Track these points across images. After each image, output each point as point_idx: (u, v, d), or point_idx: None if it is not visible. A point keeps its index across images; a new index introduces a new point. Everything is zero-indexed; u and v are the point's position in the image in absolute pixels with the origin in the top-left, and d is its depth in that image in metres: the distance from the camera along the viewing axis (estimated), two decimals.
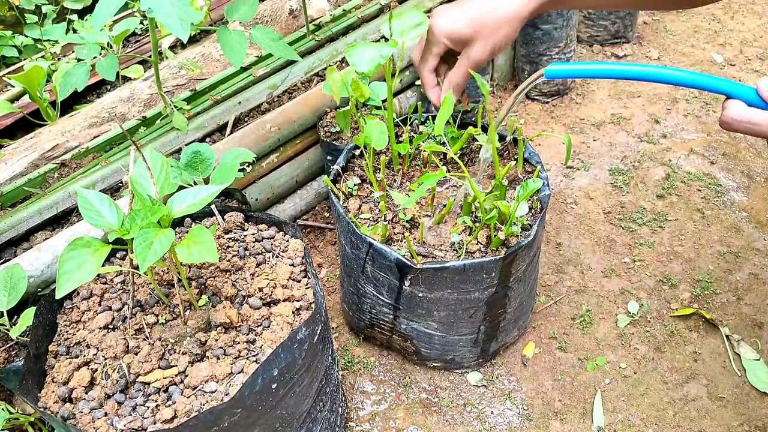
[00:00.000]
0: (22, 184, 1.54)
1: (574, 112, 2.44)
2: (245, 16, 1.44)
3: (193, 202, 1.02)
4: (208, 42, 2.15)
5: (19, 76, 1.78)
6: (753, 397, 1.53)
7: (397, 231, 1.38)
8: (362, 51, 1.20)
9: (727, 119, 0.89)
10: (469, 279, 1.33)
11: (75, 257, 0.94)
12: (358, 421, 1.54)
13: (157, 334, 1.13)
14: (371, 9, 2.08)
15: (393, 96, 1.39)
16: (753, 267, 1.82)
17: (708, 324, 1.69)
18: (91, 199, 1.01)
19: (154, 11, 1.09)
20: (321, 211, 2.08)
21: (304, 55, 1.93)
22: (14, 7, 2.45)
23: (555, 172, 2.18)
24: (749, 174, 2.12)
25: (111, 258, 1.30)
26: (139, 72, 1.93)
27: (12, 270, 1.25)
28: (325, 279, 1.89)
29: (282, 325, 1.14)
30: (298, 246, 1.28)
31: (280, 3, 2.13)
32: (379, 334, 1.60)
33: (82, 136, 1.74)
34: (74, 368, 1.09)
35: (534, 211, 1.43)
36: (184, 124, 1.62)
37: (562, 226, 1.99)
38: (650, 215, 2.00)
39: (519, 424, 1.51)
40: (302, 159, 1.96)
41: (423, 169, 1.53)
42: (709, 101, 2.44)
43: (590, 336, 1.69)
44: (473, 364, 1.61)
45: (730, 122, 0.89)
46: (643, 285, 1.80)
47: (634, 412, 1.52)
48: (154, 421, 1.01)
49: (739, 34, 2.81)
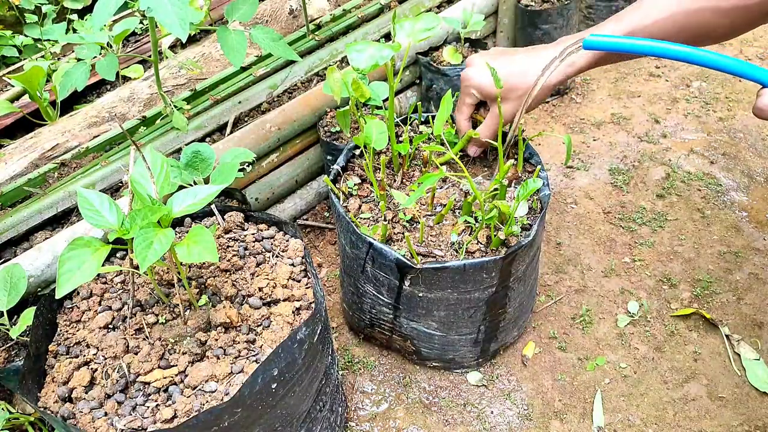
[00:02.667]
0: (22, 184, 1.54)
1: (574, 111, 2.44)
2: (245, 15, 1.44)
3: (193, 202, 1.02)
4: (208, 42, 2.15)
5: (19, 76, 1.78)
6: (753, 397, 1.53)
7: (397, 231, 1.38)
8: (363, 48, 1.20)
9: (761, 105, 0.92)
10: (469, 279, 1.33)
11: (75, 257, 0.94)
12: (358, 421, 1.54)
13: (157, 333, 1.13)
14: (371, 9, 2.08)
15: (394, 95, 1.39)
16: (753, 267, 1.82)
17: (708, 324, 1.69)
18: (91, 199, 1.01)
19: (154, 11, 1.09)
20: (321, 211, 2.08)
21: (304, 54, 1.93)
22: (14, 7, 2.45)
23: (555, 172, 2.18)
24: (749, 174, 2.12)
25: (111, 258, 1.30)
26: (139, 72, 1.93)
27: (12, 270, 1.25)
28: (325, 279, 1.89)
29: (282, 325, 1.14)
30: (298, 246, 1.28)
31: (280, 3, 2.13)
32: (379, 333, 1.60)
33: (82, 135, 1.74)
34: (74, 368, 1.09)
35: (534, 211, 1.43)
36: (184, 123, 1.62)
37: (562, 226, 1.99)
38: (650, 215, 2.00)
39: (519, 424, 1.51)
40: (302, 159, 1.96)
41: (423, 168, 1.53)
42: (709, 101, 2.44)
43: (590, 336, 1.69)
44: (473, 363, 1.61)
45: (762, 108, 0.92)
46: (643, 285, 1.80)
47: (634, 411, 1.52)
48: (154, 420, 1.01)
49: None
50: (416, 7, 2.14)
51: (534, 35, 2.31)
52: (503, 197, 1.36)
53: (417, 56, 2.12)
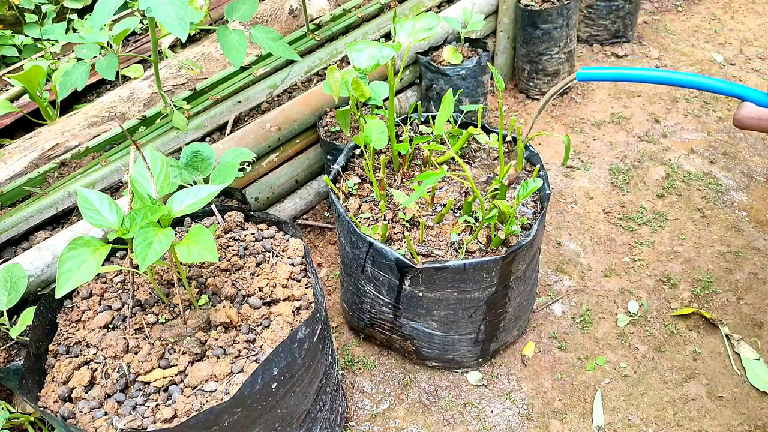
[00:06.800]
0: (22, 184, 1.54)
1: (574, 111, 2.44)
2: (245, 15, 1.44)
3: (193, 202, 1.02)
4: (208, 41, 2.15)
5: (18, 76, 1.78)
6: (753, 397, 1.53)
7: (397, 230, 1.38)
8: (363, 48, 1.20)
9: (739, 117, 1.04)
10: (469, 278, 1.33)
11: (75, 257, 0.94)
12: (358, 421, 1.54)
13: (157, 333, 1.13)
14: (371, 8, 2.07)
15: (394, 95, 1.39)
16: (753, 266, 1.82)
17: (708, 323, 1.69)
18: (91, 199, 1.01)
19: (154, 10, 1.09)
20: (321, 211, 2.08)
21: (304, 54, 1.93)
22: (14, 7, 2.45)
23: (555, 172, 2.18)
24: (749, 174, 2.12)
25: (111, 257, 1.30)
26: (138, 71, 1.93)
27: (12, 269, 1.25)
28: (325, 278, 1.89)
29: (282, 325, 1.14)
30: (298, 245, 1.28)
31: (280, 2, 2.13)
32: (379, 333, 1.60)
33: (81, 135, 1.74)
34: (74, 368, 1.09)
35: (534, 210, 1.43)
36: (183, 123, 1.62)
37: (562, 226, 1.99)
38: (650, 215, 2.00)
39: (519, 424, 1.51)
40: (302, 158, 1.96)
41: (423, 168, 1.53)
42: (709, 101, 2.44)
43: (590, 336, 1.69)
44: (473, 363, 1.61)
45: (741, 119, 1.04)
46: (643, 284, 1.80)
47: (634, 411, 1.52)
48: (154, 420, 1.01)
49: (739, 33, 2.81)
50: (416, 7, 2.14)
51: (534, 35, 2.32)
52: (503, 197, 1.36)
53: (417, 56, 2.12)
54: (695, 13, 2.97)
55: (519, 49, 2.44)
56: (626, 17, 2.66)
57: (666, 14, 2.97)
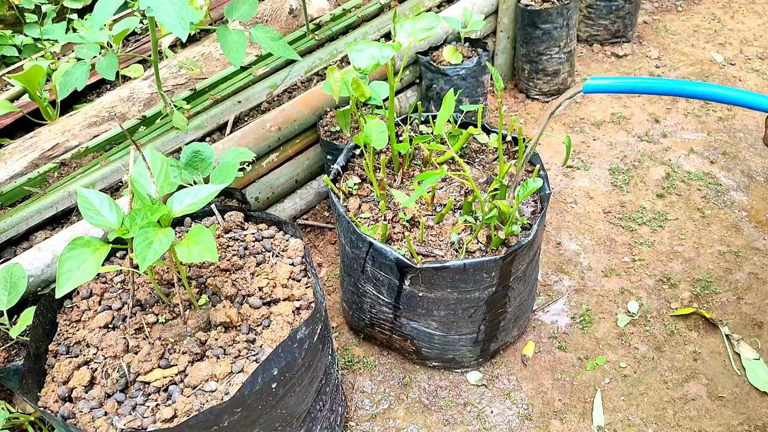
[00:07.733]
0: (21, 184, 1.54)
1: (574, 111, 2.44)
2: (245, 15, 1.44)
3: (192, 202, 1.02)
4: (208, 41, 2.15)
5: (18, 76, 1.77)
6: (753, 397, 1.53)
7: (397, 230, 1.38)
8: (363, 48, 1.20)
9: None
10: (470, 278, 1.33)
11: (75, 256, 0.94)
12: (358, 421, 1.54)
13: (157, 333, 1.13)
14: (371, 8, 2.07)
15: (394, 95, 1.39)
16: (753, 266, 1.82)
17: (708, 323, 1.69)
18: (91, 199, 1.01)
19: (154, 10, 1.09)
20: (321, 211, 2.08)
21: (304, 54, 1.93)
22: (14, 7, 2.45)
23: (555, 172, 2.18)
24: (749, 174, 2.12)
25: (111, 257, 1.30)
26: (138, 71, 1.93)
27: (12, 269, 1.25)
28: (325, 278, 1.89)
29: (282, 325, 1.14)
30: (298, 245, 1.28)
31: (280, 2, 2.13)
32: (379, 333, 1.60)
33: (81, 135, 1.74)
34: (74, 368, 1.09)
35: (534, 210, 1.43)
36: (183, 123, 1.62)
37: (562, 226, 1.99)
38: (650, 215, 2.00)
39: (519, 424, 1.51)
40: (302, 158, 1.96)
41: (423, 168, 1.53)
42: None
43: (590, 335, 1.69)
44: (473, 363, 1.61)
45: None
46: (643, 284, 1.80)
47: (634, 411, 1.52)
48: (154, 420, 1.01)
49: (739, 33, 2.81)
50: (416, 7, 2.14)
51: (534, 35, 2.32)
52: (503, 197, 1.36)
53: (417, 56, 2.12)
54: (695, 13, 2.97)
55: (519, 49, 2.44)
56: (626, 17, 2.66)
57: (666, 14, 2.97)
